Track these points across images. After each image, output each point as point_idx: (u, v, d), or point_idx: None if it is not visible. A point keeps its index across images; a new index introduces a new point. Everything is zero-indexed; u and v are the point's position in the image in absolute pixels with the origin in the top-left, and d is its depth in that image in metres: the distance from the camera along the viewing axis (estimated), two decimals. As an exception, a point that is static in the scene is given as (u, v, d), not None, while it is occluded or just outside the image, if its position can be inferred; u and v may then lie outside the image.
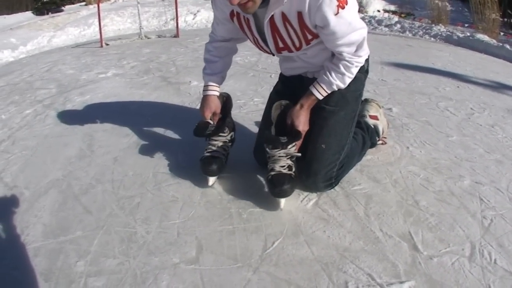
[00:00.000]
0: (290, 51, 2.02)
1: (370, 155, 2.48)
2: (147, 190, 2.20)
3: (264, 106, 2.38)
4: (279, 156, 2.00)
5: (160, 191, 2.19)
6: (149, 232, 1.89)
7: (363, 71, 2.14)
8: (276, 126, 2.12)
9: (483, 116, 3.18)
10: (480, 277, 1.60)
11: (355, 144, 2.28)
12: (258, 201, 2.07)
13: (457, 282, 1.58)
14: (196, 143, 2.26)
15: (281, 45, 1.99)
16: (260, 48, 2.10)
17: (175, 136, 2.84)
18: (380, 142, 2.59)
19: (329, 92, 2.02)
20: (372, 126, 2.50)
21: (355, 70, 1.98)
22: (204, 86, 2.29)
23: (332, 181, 2.11)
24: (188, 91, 3.83)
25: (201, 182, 2.22)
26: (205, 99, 2.26)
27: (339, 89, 2.03)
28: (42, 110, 3.38)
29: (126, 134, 2.88)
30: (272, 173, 2.00)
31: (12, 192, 2.21)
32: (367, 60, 2.13)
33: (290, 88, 2.29)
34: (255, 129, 2.83)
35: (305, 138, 2.07)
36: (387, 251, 1.74)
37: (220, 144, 2.25)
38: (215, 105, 2.26)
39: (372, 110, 2.55)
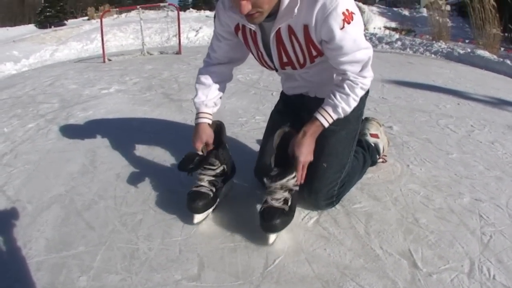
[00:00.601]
0: (293, 67, 2.01)
1: (371, 173, 2.48)
2: (149, 207, 2.20)
3: (265, 125, 2.39)
4: (275, 188, 1.92)
5: (162, 208, 2.19)
6: (151, 248, 1.89)
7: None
8: (277, 155, 2.05)
9: (483, 133, 3.18)
10: (479, 293, 1.59)
11: (356, 163, 2.29)
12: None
13: (456, 299, 1.57)
14: None
15: (285, 59, 1.98)
16: (264, 63, 2.09)
17: (177, 153, 2.84)
18: (380, 160, 2.60)
19: (334, 117, 1.93)
20: (373, 145, 2.51)
21: (360, 92, 1.92)
22: (196, 114, 2.18)
23: (333, 200, 2.12)
24: (190, 108, 3.82)
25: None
26: (196, 128, 2.15)
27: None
28: (45, 124, 3.40)
29: (128, 150, 2.89)
30: (264, 205, 1.92)
31: (15, 206, 2.22)
32: None
33: (291, 107, 2.30)
34: (256, 147, 2.80)
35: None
36: (387, 268, 1.74)
37: (208, 178, 2.12)
38: (207, 135, 2.13)
39: (372, 129, 2.57)
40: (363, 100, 2.15)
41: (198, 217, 2.07)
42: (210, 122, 2.16)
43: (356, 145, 2.25)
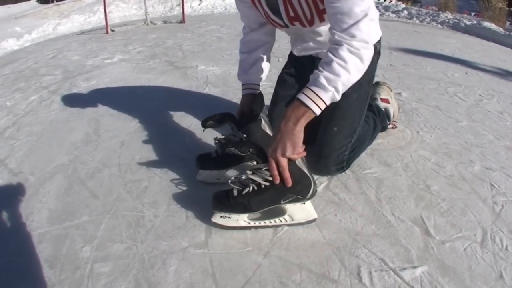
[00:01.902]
0: (302, 23, 1.92)
1: (380, 139, 2.44)
2: (154, 174, 2.16)
3: (271, 91, 2.34)
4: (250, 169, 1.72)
5: (167, 174, 2.15)
6: (157, 216, 1.85)
7: (376, 53, 2.06)
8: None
9: (491, 102, 3.14)
10: (492, 264, 1.57)
11: (367, 128, 2.24)
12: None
13: (470, 268, 1.54)
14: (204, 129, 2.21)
15: (292, 14, 1.88)
16: (272, 22, 2.00)
17: (182, 120, 2.80)
18: (390, 126, 2.56)
19: (324, 98, 1.63)
20: (383, 110, 2.46)
21: (348, 56, 1.62)
22: (243, 84, 2.16)
23: (343, 165, 2.08)
24: (195, 75, 3.79)
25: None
26: (241, 100, 2.14)
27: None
28: (48, 96, 3.35)
29: (132, 118, 2.85)
30: (232, 180, 1.74)
31: (17, 179, 2.17)
32: (379, 42, 2.08)
33: (299, 70, 2.24)
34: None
35: (316, 122, 1.96)
36: (399, 235, 1.71)
37: (218, 137, 2.02)
38: (244, 105, 2.11)
39: (383, 93, 2.52)
40: (374, 62, 2.09)
41: (199, 173, 2.07)
42: (251, 93, 2.12)
43: (367, 110, 2.19)
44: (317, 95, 1.61)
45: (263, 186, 1.67)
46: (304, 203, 1.73)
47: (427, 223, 1.78)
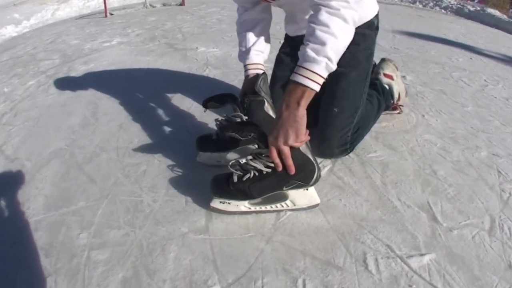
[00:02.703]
0: None
1: (385, 122, 2.41)
2: (153, 157, 2.12)
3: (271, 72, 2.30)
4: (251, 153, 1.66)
5: (167, 158, 2.12)
6: (156, 200, 1.82)
7: (373, 28, 2.04)
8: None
9: (497, 88, 3.12)
10: (501, 253, 1.53)
11: (370, 107, 2.19)
12: None
13: (478, 257, 1.51)
14: (205, 111, 2.16)
15: None
16: None
17: (182, 102, 2.77)
18: (397, 111, 2.52)
19: (318, 71, 1.50)
20: (387, 87, 2.42)
21: (328, 19, 1.50)
22: (245, 65, 2.09)
23: (347, 147, 2.03)
24: (195, 57, 3.76)
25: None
26: (244, 81, 2.09)
27: (348, 49, 1.59)
28: (45, 80, 3.31)
29: (131, 100, 2.81)
30: (232, 164, 1.67)
31: (13, 165, 2.12)
32: (376, 16, 2.03)
33: (295, 49, 2.19)
34: None
35: (317, 104, 1.89)
36: (406, 221, 1.68)
37: (219, 118, 1.97)
38: (247, 86, 2.03)
39: (388, 69, 2.47)
40: (372, 38, 2.05)
41: (199, 155, 2.04)
42: (254, 72, 2.05)
43: (370, 88, 2.18)
44: (310, 70, 1.49)
45: (264, 172, 1.61)
46: (307, 189, 1.69)
47: (434, 209, 1.75)
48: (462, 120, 2.53)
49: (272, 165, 1.58)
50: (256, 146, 1.83)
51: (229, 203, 1.69)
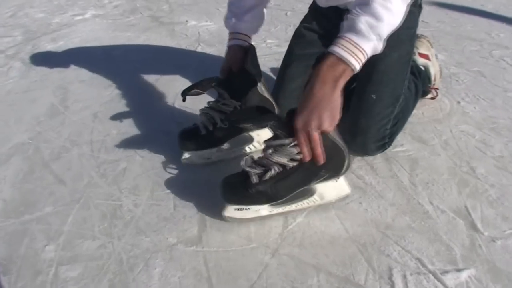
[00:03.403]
0: None
1: (414, 110, 2.37)
2: (135, 153, 2.12)
3: (278, 50, 2.29)
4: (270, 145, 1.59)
5: (151, 153, 2.12)
6: (138, 205, 1.81)
7: (417, 5, 2.02)
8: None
9: (546, 69, 3.08)
10: (555, 268, 1.51)
11: (409, 94, 2.17)
12: None
13: (527, 273, 1.49)
14: (196, 97, 2.15)
15: None
16: None
17: (169, 86, 2.76)
18: (430, 95, 2.50)
19: (366, 48, 1.47)
20: (423, 68, 2.39)
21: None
22: (230, 33, 2.06)
23: (385, 141, 2.01)
24: (184, 32, 3.75)
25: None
26: (227, 51, 2.04)
27: None
28: (4, 61, 3.30)
29: (108, 85, 2.81)
30: (246, 162, 1.62)
31: (-37, 165, 2.11)
32: None
33: (323, 25, 2.16)
34: (269, 76, 2.79)
35: (350, 88, 1.89)
36: (439, 229, 1.66)
37: (205, 110, 1.98)
38: (231, 60, 1.99)
39: (422, 48, 2.45)
40: (416, 16, 2.05)
41: (185, 155, 2.01)
42: (241, 43, 2.02)
43: None
44: (358, 46, 1.45)
45: (289, 166, 1.55)
46: (337, 180, 1.67)
47: (473, 215, 1.72)
48: (504, 108, 2.50)
49: (299, 157, 1.52)
50: (257, 133, 1.87)
51: (248, 208, 1.65)
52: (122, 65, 3.11)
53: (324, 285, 1.45)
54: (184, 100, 1.96)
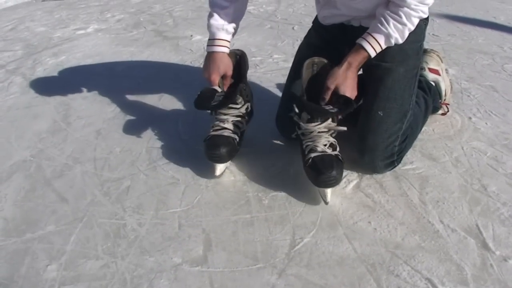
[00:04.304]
0: None
1: (424, 126, 2.37)
2: (139, 171, 2.13)
3: (285, 65, 2.30)
4: (319, 132, 1.86)
5: (155, 171, 2.13)
6: (142, 224, 1.82)
7: (424, 18, 2.02)
8: (307, 91, 1.97)
9: (562, 84, 3.07)
10: None
11: (418, 110, 2.18)
12: (283, 182, 1.99)
13: (541, 294, 1.49)
14: (201, 111, 2.17)
15: None
16: None
17: (174, 102, 2.78)
18: (441, 111, 2.50)
19: (384, 47, 1.86)
20: (433, 84, 2.40)
21: (416, 22, 1.84)
22: (209, 40, 2.11)
23: (393, 159, 2.02)
24: (189, 47, 3.78)
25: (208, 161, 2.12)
26: (211, 57, 2.09)
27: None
28: (5, 76, 3.33)
29: (111, 101, 2.82)
30: (313, 154, 1.85)
31: (-36, 181, 2.12)
32: None
33: (327, 40, 2.18)
34: (275, 92, 2.79)
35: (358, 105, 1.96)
36: (450, 249, 1.65)
37: (232, 119, 2.09)
38: (225, 66, 2.08)
39: (432, 63, 2.45)
40: (422, 30, 2.06)
41: (220, 168, 2.06)
42: (228, 51, 2.10)
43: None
44: (381, 45, 1.85)
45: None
46: None
47: (484, 234, 1.72)
48: (517, 124, 2.48)
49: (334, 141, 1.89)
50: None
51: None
52: (125, 81, 3.12)
53: (333, 306, 1.44)
54: (215, 113, 2.09)
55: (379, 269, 1.57)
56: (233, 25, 2.11)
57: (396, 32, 1.81)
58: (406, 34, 1.84)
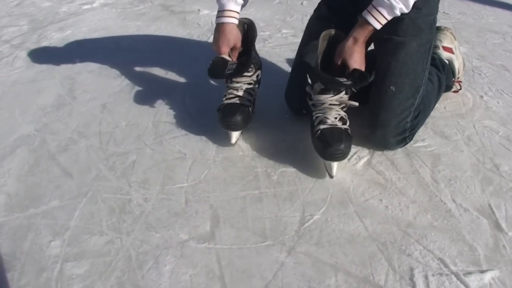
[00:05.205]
0: None
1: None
2: (145, 145, 2.11)
3: (294, 40, 2.26)
4: (331, 104, 1.82)
5: (162, 145, 2.10)
6: (147, 199, 1.79)
7: None
8: (321, 63, 1.93)
9: None
10: None
11: (431, 87, 2.14)
12: (292, 158, 1.97)
13: (555, 275, 1.46)
14: (209, 85, 2.15)
15: None
16: None
17: (181, 76, 2.75)
18: (453, 89, 2.47)
19: (389, 18, 1.79)
20: (447, 62, 2.36)
21: None
22: (219, 11, 2.08)
23: (405, 135, 1.99)
24: (196, 21, 3.74)
25: (216, 133, 2.13)
26: (220, 29, 2.06)
27: (407, 15, 1.82)
28: (10, 51, 3.29)
29: (117, 75, 2.80)
30: (323, 126, 1.82)
31: (-33, 156, 2.10)
32: None
33: (337, 12, 2.14)
34: (285, 67, 2.77)
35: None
36: (462, 228, 1.63)
37: (245, 87, 2.08)
38: (234, 37, 2.06)
39: (446, 41, 2.41)
40: (435, 3, 2.00)
41: (235, 135, 2.07)
42: (237, 22, 2.07)
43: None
44: (385, 17, 1.79)
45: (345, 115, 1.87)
46: None
47: (497, 214, 1.69)
48: (529, 103, 2.46)
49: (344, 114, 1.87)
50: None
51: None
52: (132, 55, 3.10)
53: (343, 285, 1.43)
54: (231, 81, 2.08)
55: (390, 248, 1.55)
56: None
57: (400, 1, 1.75)
58: (411, 2, 1.77)
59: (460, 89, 2.49)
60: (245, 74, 2.07)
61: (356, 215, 1.69)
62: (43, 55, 3.17)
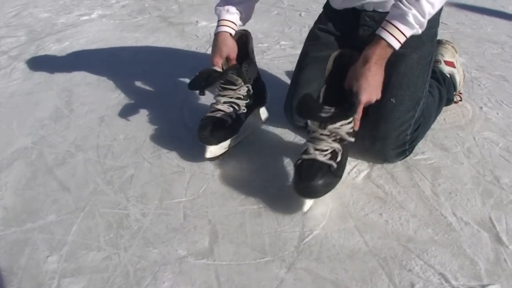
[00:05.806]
0: None
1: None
2: (143, 159, 2.10)
3: (292, 52, 2.26)
4: (321, 135, 1.73)
5: (160, 159, 2.09)
6: (145, 214, 1.78)
7: None
8: (327, 88, 1.84)
9: None
10: None
11: (431, 100, 2.14)
12: (291, 172, 1.92)
13: (558, 290, 1.45)
14: (207, 98, 2.15)
15: None
16: None
17: (179, 88, 2.75)
18: (453, 100, 2.46)
19: (406, 31, 1.70)
20: (448, 76, 2.36)
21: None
22: (217, 22, 2.10)
23: (405, 148, 1.98)
24: (195, 33, 3.75)
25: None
26: (215, 39, 2.07)
27: None
28: (7, 62, 3.31)
29: (115, 87, 2.80)
30: (303, 156, 1.71)
31: (-37, 169, 2.09)
32: None
33: (339, 26, 2.13)
34: (284, 79, 2.77)
35: None
36: (463, 242, 1.61)
37: (226, 100, 2.06)
38: (228, 47, 2.06)
39: (447, 55, 2.42)
40: (437, 14, 1.98)
41: (211, 150, 2.02)
42: (233, 32, 2.07)
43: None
44: (404, 34, 1.72)
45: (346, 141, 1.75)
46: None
47: (497, 227, 1.68)
48: (529, 114, 2.45)
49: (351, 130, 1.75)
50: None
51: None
52: (130, 67, 3.11)
53: (343, 302, 1.41)
54: (203, 93, 2.03)
55: (391, 264, 1.54)
56: (243, 7, 2.10)
57: (412, 7, 1.68)
58: (426, 7, 1.69)
59: (461, 100, 2.49)
60: (229, 87, 2.06)
61: (356, 230, 1.68)
62: (41, 67, 3.17)
